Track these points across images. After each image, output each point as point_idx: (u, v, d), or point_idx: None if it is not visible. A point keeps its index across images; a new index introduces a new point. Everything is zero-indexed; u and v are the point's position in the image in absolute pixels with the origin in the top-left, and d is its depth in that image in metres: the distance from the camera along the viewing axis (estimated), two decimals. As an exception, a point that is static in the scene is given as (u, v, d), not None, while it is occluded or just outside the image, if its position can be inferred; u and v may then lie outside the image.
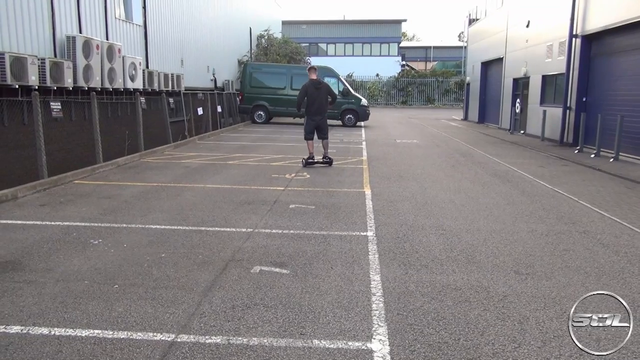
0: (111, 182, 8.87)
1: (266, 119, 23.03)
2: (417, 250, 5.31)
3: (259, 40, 30.09)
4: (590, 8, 14.86)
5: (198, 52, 20.72)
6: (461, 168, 11.22)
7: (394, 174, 10.15)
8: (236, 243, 5.40)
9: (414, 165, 11.45)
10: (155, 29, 16.50)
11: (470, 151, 14.53)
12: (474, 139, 18.62)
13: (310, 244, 5.41)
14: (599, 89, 14.73)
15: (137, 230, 5.85)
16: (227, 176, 9.57)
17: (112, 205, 7.07)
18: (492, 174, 10.54)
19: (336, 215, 6.68)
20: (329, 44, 52.30)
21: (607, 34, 14.22)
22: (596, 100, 14.78)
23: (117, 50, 12.97)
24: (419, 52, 64.10)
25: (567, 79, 15.85)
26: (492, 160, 12.70)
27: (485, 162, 12.21)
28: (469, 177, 10.07)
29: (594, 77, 15.09)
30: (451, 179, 9.73)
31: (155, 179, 9.12)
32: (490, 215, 6.90)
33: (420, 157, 12.87)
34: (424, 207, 7.34)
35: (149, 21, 15.94)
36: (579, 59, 15.39)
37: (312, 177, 9.57)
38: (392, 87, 46.84)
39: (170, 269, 4.60)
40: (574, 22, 15.51)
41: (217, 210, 6.87)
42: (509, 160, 12.68)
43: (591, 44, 15.23)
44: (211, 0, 22.40)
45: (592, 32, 14.68)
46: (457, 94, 45.82)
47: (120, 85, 13.29)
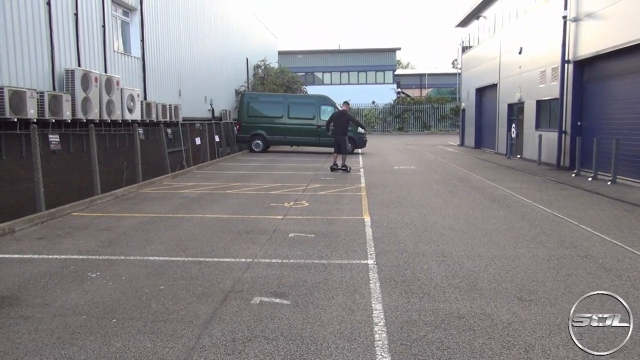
0: (109, 213, 8.84)
1: (264, 147, 23.13)
2: (419, 277, 5.27)
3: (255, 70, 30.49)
4: (581, 34, 15.17)
5: (195, 82, 20.96)
6: (460, 194, 11.23)
7: (393, 201, 10.15)
8: (236, 274, 5.35)
9: (413, 192, 11.47)
10: (153, 61, 16.74)
11: (468, 176, 14.58)
12: (471, 164, 18.71)
13: (310, 274, 5.36)
14: (593, 113, 14.90)
15: (135, 262, 5.81)
16: (226, 206, 9.56)
17: (110, 237, 7.03)
18: (491, 199, 10.55)
19: (336, 244, 6.65)
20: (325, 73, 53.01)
21: (598, 59, 14.48)
22: (591, 124, 14.93)
23: (115, 83, 13.11)
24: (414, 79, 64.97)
25: (561, 103, 16.05)
26: (490, 185, 12.73)
27: (483, 187, 12.24)
28: (468, 202, 10.08)
29: (587, 101, 15.29)
30: (450, 205, 9.73)
31: (153, 210, 9.10)
32: (490, 241, 6.87)
33: (419, 184, 12.90)
34: (424, 233, 7.32)
35: (147, 53, 16.18)
36: (572, 84, 15.61)
37: (311, 205, 9.56)
38: (388, 114, 47.25)
39: (169, 302, 4.54)
40: (565, 48, 15.80)
41: (216, 240, 6.84)
42: (507, 185, 12.71)
43: (583, 69, 15.47)
44: (208, 32, 22.81)
45: (584, 57, 14.95)
46: (452, 120, 46.23)
47: (118, 117, 13.37)
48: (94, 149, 10.37)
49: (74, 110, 11.52)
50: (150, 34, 16.56)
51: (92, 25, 12.85)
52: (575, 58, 15.41)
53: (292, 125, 22.79)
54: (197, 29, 21.31)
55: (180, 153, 16.72)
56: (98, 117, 12.45)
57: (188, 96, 20.00)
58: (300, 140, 23.12)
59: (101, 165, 10.79)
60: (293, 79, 30.90)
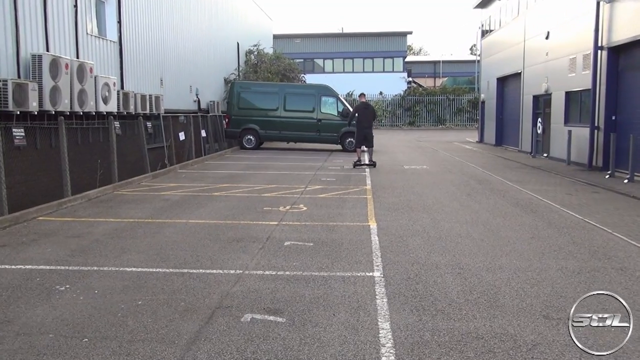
0: (81, 218, 8.84)
1: (257, 144, 23.15)
2: (432, 292, 5.27)
3: (247, 56, 30.50)
4: (617, 17, 15.17)
5: (179, 70, 20.97)
6: (478, 197, 11.25)
7: (403, 205, 10.17)
8: (224, 287, 5.36)
9: (425, 195, 11.48)
10: (132, 46, 16.73)
11: (488, 177, 14.59)
12: (491, 163, 18.73)
13: (308, 288, 5.37)
14: (630, 107, 14.90)
15: (110, 273, 5.81)
16: (213, 210, 9.57)
17: (81, 245, 7.03)
18: (513, 203, 10.56)
19: (338, 254, 6.66)
20: (326, 60, 53.01)
21: (636, 46, 14.48)
22: (627, 119, 14.93)
23: (88, 70, 13.11)
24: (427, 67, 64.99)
25: (594, 95, 16.05)
26: (512, 187, 12.74)
27: (505, 190, 12.25)
28: (487, 207, 10.10)
29: (623, 93, 15.29)
30: (467, 210, 9.75)
31: (130, 214, 9.11)
32: (513, 251, 6.88)
33: (432, 185, 12.91)
34: (438, 242, 7.33)
35: (125, 37, 16.17)
36: (606, 73, 15.61)
37: (310, 210, 9.57)
38: (397, 107, 47.28)
39: (148, 319, 4.54)
40: (598, 33, 15.81)
41: (202, 249, 6.85)
42: (532, 187, 12.72)
43: (619, 57, 15.48)
44: (194, 14, 22.81)
45: (619, 43, 14.95)
46: (470, 114, 46.26)
47: (91, 109, 13.37)
48: (64, 144, 10.35)
49: (41, 101, 11.51)
50: (129, 15, 16.56)
51: (62, 4, 12.85)
52: (610, 44, 15.42)
53: (288, 119, 22.80)
54: (182, 9, 21.33)
55: (162, 150, 16.72)
56: (69, 109, 12.45)
57: (171, 86, 20.01)
58: (298, 136, 23.14)
59: (72, 164, 10.78)
60: (290, 66, 30.92)
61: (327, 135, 22.74)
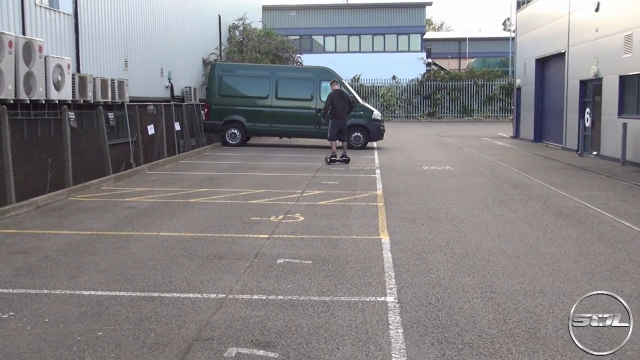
0: (27, 230, 8.83)
1: (242, 139, 23.15)
2: (457, 321, 5.26)
3: (231, 32, 30.54)
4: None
5: (148, 49, 21.00)
6: (513, 204, 11.26)
7: (421, 214, 10.17)
8: (203, 315, 5.35)
9: (448, 202, 11.48)
10: (90, 19, 16.75)
11: (525, 181, 14.60)
12: (529, 163, 18.75)
13: (306, 316, 5.36)
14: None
15: (63, 298, 5.80)
16: (189, 220, 9.57)
17: (28, 263, 7.01)
18: (556, 212, 10.57)
19: (342, 274, 6.65)
20: (327, 37, 53.08)
21: None
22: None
23: (37, 49, 13.11)
24: (450, 45, 65.16)
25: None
26: (555, 193, 12.75)
27: (546, 196, 12.26)
28: (524, 217, 10.10)
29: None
30: (500, 220, 9.75)
31: (88, 226, 9.10)
32: (556, 271, 6.88)
33: (457, 190, 12.92)
34: (464, 260, 7.33)
35: (82, 9, 16.19)
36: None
37: (308, 220, 9.57)
38: (414, 94, 47.35)
39: (110, 354, 4.53)
40: (660, 4, 15.83)
41: (176, 268, 6.85)
42: (579, 192, 12.73)
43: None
44: (166, -20, 22.86)
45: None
46: (503, 103, 46.34)
47: (41, 96, 13.37)
48: (7, 139, 10.33)
49: (-21, 87, 11.52)
50: (86, -18, 16.58)
51: (5, -32, 12.86)
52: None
53: (281, 109, 22.83)
54: (151, -25, 21.36)
55: (127, 146, 16.71)
56: (13, 96, 12.45)
57: (138, 68, 20.02)
58: (292, 130, 23.15)
59: (16, 163, 10.76)
60: (283, 44, 30.95)
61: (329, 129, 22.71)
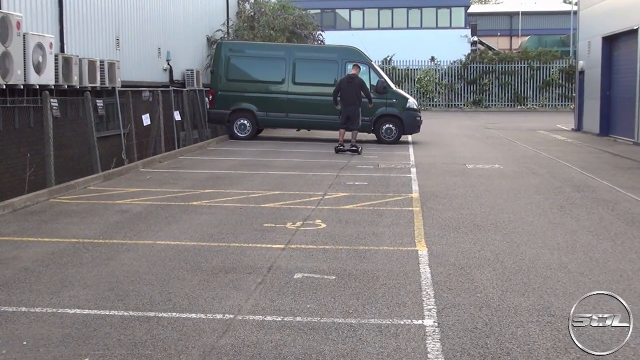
0: (2, 237, 8.86)
1: (253, 131, 23.16)
2: (510, 350, 5.26)
3: (240, 5, 30.56)
4: None
5: (143, 26, 21.08)
6: (576, 211, 11.18)
7: (465, 221, 10.14)
8: (207, 339, 5.37)
9: (497, 207, 11.43)
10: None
11: (590, 182, 14.48)
12: (594, 161, 18.57)
13: (329, 341, 5.36)
14: None
15: (44, 317, 5.82)
16: (191, 226, 9.58)
17: (3, 276, 7.05)
18: (627, 220, 10.48)
19: (371, 292, 6.64)
20: (354, 11, 52.83)
21: None
22: None
23: (15, 24, 13.24)
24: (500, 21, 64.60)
25: None
26: (626, 197, 12.63)
27: (615, 201, 12.17)
28: (589, 225, 10.02)
29: None
30: (560, 230, 9.69)
31: (73, 232, 9.13)
32: (627, 290, 6.81)
33: (507, 193, 12.86)
34: (517, 276, 7.29)
35: (66, -23, 16.35)
36: None
37: (331, 227, 9.57)
38: (456, 79, 47.04)
39: (100, 382, 4.60)
40: None
41: (175, 283, 6.85)
42: (657, 197, 12.62)
43: None
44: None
45: None
46: (563, 89, 45.90)
47: (19, 80, 13.49)
48: (-21, 131, 10.43)
49: (-54, 69, 11.68)
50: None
51: None
52: None
53: (299, 96, 22.82)
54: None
55: (118, 139, 16.77)
56: (-14, 81, 12.61)
57: (131, 48, 20.13)
58: (312, 121, 23.13)
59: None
60: (302, 19, 30.85)
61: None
